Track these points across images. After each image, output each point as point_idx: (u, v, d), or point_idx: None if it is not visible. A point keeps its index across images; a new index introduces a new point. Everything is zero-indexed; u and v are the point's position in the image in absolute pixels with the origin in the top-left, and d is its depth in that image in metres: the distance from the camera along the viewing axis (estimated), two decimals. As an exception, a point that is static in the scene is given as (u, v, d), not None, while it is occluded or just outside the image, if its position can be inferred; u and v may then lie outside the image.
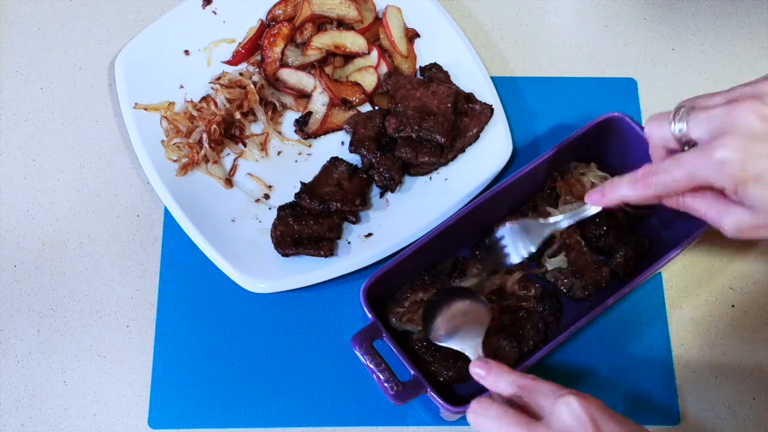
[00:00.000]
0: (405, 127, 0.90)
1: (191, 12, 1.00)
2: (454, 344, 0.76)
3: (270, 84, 0.99)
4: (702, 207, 0.65)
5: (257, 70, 0.99)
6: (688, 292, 0.91)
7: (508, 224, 0.80)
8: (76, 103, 1.00)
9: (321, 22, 1.01)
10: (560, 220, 0.77)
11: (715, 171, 0.60)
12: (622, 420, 0.60)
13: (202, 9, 1.01)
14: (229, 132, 0.97)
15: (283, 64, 0.99)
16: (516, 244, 0.79)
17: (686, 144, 0.65)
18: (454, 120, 0.92)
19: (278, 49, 0.99)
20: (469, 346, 0.74)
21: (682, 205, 0.67)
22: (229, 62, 1.00)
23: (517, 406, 0.64)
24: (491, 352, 0.83)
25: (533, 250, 0.78)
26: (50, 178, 0.96)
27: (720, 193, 0.63)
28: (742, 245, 0.93)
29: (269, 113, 0.98)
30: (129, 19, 1.05)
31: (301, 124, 0.97)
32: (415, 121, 0.90)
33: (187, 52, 1.00)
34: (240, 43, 1.01)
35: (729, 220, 0.63)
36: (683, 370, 0.87)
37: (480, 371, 0.68)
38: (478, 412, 0.63)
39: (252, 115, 0.98)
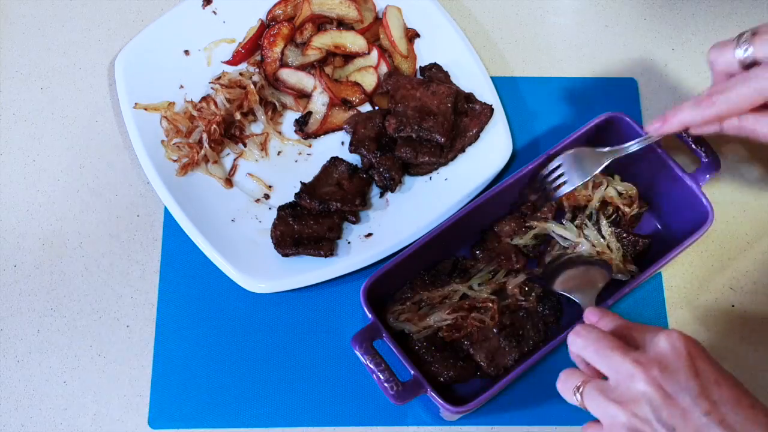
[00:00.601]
0: (405, 127, 0.90)
1: (191, 12, 1.00)
2: (571, 295, 0.80)
3: (270, 84, 0.99)
4: (765, 127, 0.67)
5: (257, 70, 0.99)
6: (688, 292, 0.91)
7: (566, 153, 0.84)
8: (76, 103, 1.00)
9: (321, 22, 1.01)
10: (618, 149, 0.81)
11: None
12: (717, 364, 0.61)
13: (202, 9, 1.01)
14: (229, 132, 0.97)
15: (283, 64, 0.99)
16: (572, 172, 0.83)
17: (750, 67, 0.67)
18: (454, 120, 0.92)
19: (278, 49, 0.99)
20: (584, 299, 0.78)
21: (744, 129, 0.68)
22: (229, 62, 1.00)
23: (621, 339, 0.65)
24: (491, 351, 0.83)
25: (587, 179, 0.82)
26: (50, 178, 0.96)
27: None
28: (742, 245, 0.93)
29: (269, 113, 0.98)
30: (129, 19, 1.05)
31: (301, 124, 0.97)
32: (415, 121, 0.90)
33: (187, 52, 1.00)
34: (240, 43, 1.01)
35: None
36: (683, 370, 0.87)
37: (593, 317, 0.69)
38: (579, 332, 0.65)
39: (252, 115, 0.98)
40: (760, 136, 0.68)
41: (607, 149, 0.82)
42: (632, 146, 0.81)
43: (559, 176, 0.84)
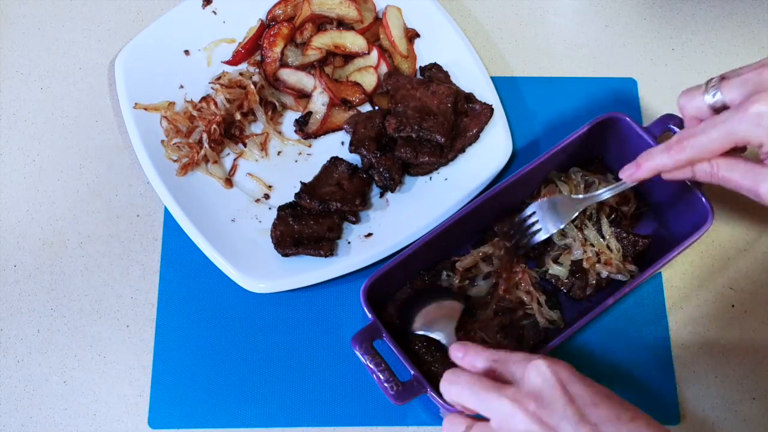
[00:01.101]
0: (405, 127, 0.90)
1: (191, 12, 1.00)
2: (431, 333, 0.80)
3: (270, 84, 0.99)
4: (736, 176, 0.66)
5: (257, 70, 0.99)
6: (688, 292, 0.91)
7: (540, 200, 0.84)
8: (76, 103, 1.00)
9: (321, 22, 1.01)
10: (592, 195, 0.81)
11: (752, 125, 0.62)
12: (589, 382, 0.62)
13: (202, 9, 1.01)
14: (229, 132, 0.97)
15: (283, 64, 0.99)
16: (546, 220, 0.83)
17: (720, 112, 0.67)
18: (454, 120, 0.92)
19: (278, 49, 0.99)
20: (444, 334, 0.79)
21: (717, 177, 0.68)
22: (229, 62, 1.00)
23: (492, 376, 0.66)
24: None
25: (561, 226, 0.83)
26: (50, 178, 0.96)
27: (755, 161, 0.65)
28: (741, 245, 0.93)
29: (269, 113, 0.98)
30: (129, 19, 1.05)
31: (301, 124, 0.97)
32: (415, 121, 0.90)
33: (187, 52, 1.00)
34: (240, 43, 1.01)
35: (767, 184, 0.65)
36: (683, 370, 0.87)
37: (458, 353, 0.69)
38: (450, 380, 0.65)
39: (252, 115, 0.98)
40: (735, 186, 0.67)
41: (581, 196, 0.83)
42: (605, 193, 0.81)
43: (534, 224, 0.84)
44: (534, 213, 0.84)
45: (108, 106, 1.00)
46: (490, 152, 0.94)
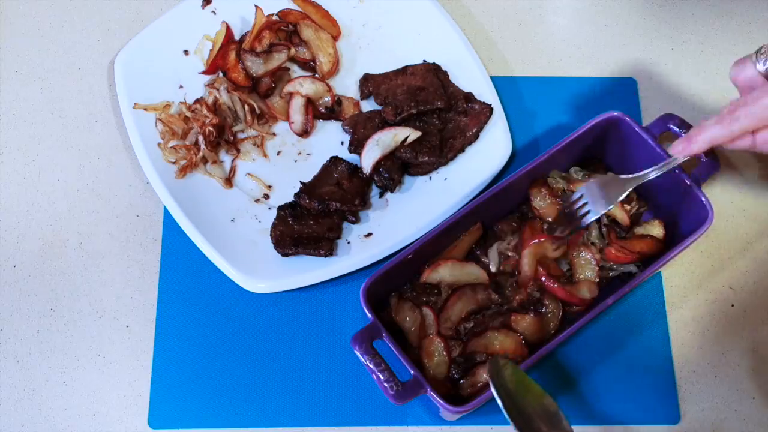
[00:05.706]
0: (403, 107, 0.91)
1: (191, 12, 1.00)
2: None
3: (249, 90, 0.98)
4: None
5: (224, 86, 0.97)
6: (688, 292, 0.91)
7: (590, 181, 0.83)
8: (76, 103, 1.00)
9: (278, 27, 1.00)
10: (640, 175, 0.80)
11: None
12: None
13: (202, 9, 1.01)
14: (222, 137, 0.96)
15: (248, 75, 0.97)
16: (595, 202, 0.82)
17: None
18: (453, 117, 0.93)
19: (233, 56, 0.98)
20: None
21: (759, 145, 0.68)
22: (204, 72, 0.99)
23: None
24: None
25: (611, 207, 0.81)
26: (50, 178, 0.96)
27: None
28: (741, 245, 0.93)
29: (255, 119, 0.97)
30: (129, 19, 1.05)
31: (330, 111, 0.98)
32: (409, 99, 0.92)
33: (186, 52, 1.00)
34: (210, 54, 0.99)
35: None
36: (683, 370, 0.87)
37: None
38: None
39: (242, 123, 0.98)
40: None
41: (630, 176, 0.81)
42: (653, 172, 0.80)
43: (583, 205, 0.83)
44: (582, 195, 0.83)
45: (108, 106, 1.00)
46: (489, 152, 0.94)
